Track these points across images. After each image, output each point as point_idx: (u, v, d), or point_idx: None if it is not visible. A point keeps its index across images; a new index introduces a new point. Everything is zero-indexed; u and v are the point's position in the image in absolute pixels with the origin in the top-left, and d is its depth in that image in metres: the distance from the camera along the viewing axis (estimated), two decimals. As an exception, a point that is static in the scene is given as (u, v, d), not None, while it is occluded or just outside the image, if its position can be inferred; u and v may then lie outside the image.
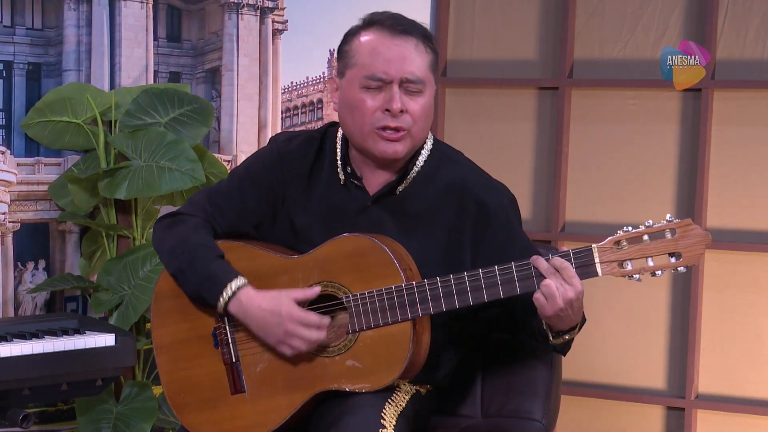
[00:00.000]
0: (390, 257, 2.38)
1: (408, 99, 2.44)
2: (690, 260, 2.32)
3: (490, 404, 2.72)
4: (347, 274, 2.42)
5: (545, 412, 2.69)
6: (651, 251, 2.32)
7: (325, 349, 2.43)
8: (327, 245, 2.44)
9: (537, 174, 4.08)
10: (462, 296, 2.37)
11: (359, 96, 2.45)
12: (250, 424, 2.47)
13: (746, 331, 3.84)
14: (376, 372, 2.39)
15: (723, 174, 3.83)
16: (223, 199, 2.56)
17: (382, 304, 2.38)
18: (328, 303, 2.44)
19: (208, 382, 2.51)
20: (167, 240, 2.53)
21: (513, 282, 2.35)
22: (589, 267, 2.34)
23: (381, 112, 2.44)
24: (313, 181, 2.54)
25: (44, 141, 3.23)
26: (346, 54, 2.49)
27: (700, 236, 2.32)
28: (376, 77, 2.43)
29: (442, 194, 2.50)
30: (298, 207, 2.54)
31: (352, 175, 2.52)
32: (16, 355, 2.50)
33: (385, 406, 2.38)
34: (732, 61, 3.81)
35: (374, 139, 2.45)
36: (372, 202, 2.50)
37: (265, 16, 3.82)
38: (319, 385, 2.42)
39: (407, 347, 2.37)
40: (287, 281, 2.46)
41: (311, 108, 3.98)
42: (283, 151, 2.56)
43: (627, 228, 2.33)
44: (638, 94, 3.94)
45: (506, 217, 2.51)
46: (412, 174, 2.51)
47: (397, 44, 2.44)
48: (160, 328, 2.56)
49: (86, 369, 2.62)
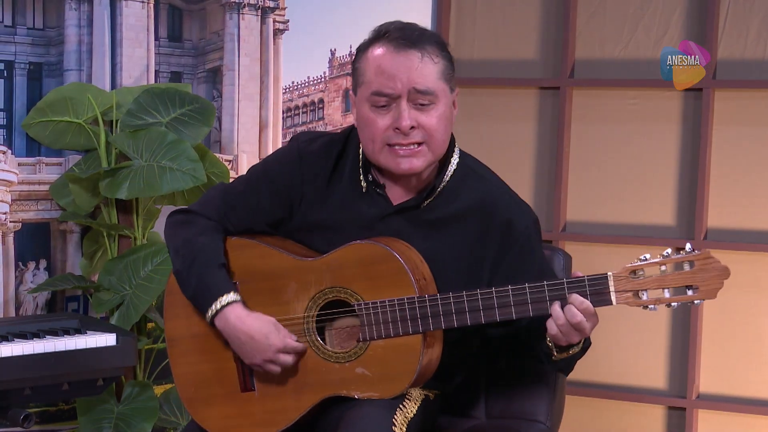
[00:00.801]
0: (403, 266, 2.37)
1: (419, 113, 2.40)
2: (707, 294, 2.26)
3: (495, 406, 2.72)
4: (360, 281, 2.40)
5: (549, 414, 2.70)
6: (668, 283, 2.27)
7: (335, 355, 2.43)
8: (341, 250, 2.43)
9: (538, 174, 4.09)
10: (474, 313, 2.35)
11: (369, 115, 2.41)
12: (258, 422, 2.47)
13: (747, 331, 3.84)
14: (385, 382, 2.38)
15: (723, 174, 3.83)
16: (238, 198, 2.54)
17: (394, 315, 2.37)
18: (340, 309, 2.44)
19: (219, 378, 2.51)
20: (175, 238, 2.53)
21: (526, 304, 2.33)
22: (603, 295, 2.30)
23: (391, 130, 2.40)
24: (333, 185, 2.51)
25: (45, 141, 3.23)
26: (356, 71, 2.46)
27: (719, 270, 2.26)
28: (381, 93, 2.39)
29: (467, 208, 2.46)
30: (315, 209, 2.51)
31: (374, 183, 2.49)
32: (17, 354, 2.50)
33: (396, 412, 2.37)
34: (732, 61, 3.81)
35: (387, 155, 2.42)
36: (394, 213, 2.48)
37: (266, 15, 3.82)
38: (329, 390, 2.42)
39: (417, 359, 2.37)
40: (298, 283, 2.45)
41: (312, 108, 3.98)
42: (304, 151, 2.52)
43: (645, 257, 2.27)
44: (639, 94, 3.94)
45: (530, 238, 2.48)
46: (439, 189, 2.48)
47: (402, 58, 2.39)
48: (173, 320, 2.56)
49: (87, 369, 2.62)
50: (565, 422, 4.03)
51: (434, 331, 2.39)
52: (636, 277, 2.29)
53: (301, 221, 2.53)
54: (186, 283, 2.48)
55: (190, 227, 2.53)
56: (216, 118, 3.58)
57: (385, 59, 2.40)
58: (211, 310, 2.44)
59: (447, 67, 2.44)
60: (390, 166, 2.43)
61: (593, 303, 2.31)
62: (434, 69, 2.41)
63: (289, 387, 2.46)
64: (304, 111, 3.97)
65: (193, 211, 2.57)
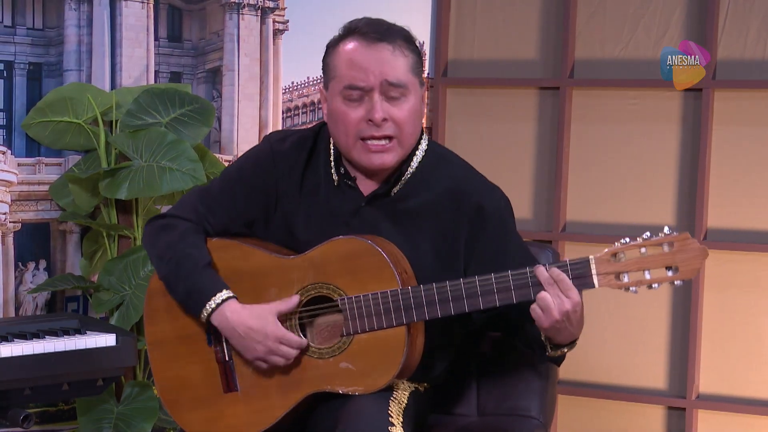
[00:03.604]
0: (385, 260, 2.38)
1: (390, 106, 2.43)
2: (687, 274, 2.30)
3: (487, 402, 2.72)
4: (342, 276, 2.41)
5: (542, 409, 2.69)
6: (648, 264, 2.31)
7: (319, 350, 2.43)
8: (322, 246, 2.44)
9: (538, 174, 4.09)
10: (457, 302, 2.36)
11: (342, 108, 2.44)
12: (242, 423, 2.47)
13: (747, 331, 3.84)
14: (370, 375, 2.39)
15: (723, 174, 3.83)
16: (214, 200, 2.56)
17: (377, 308, 2.38)
18: (323, 305, 2.44)
19: (201, 380, 2.51)
20: (157, 245, 2.53)
21: (509, 290, 2.34)
22: (585, 278, 2.33)
23: (364, 122, 2.42)
24: (307, 181, 2.53)
25: (45, 141, 3.23)
26: (327, 66, 2.49)
27: (698, 250, 2.30)
28: (354, 86, 2.42)
29: (437, 196, 2.49)
30: (292, 207, 2.53)
31: (345, 176, 2.51)
32: (17, 355, 2.50)
33: (390, 404, 2.38)
34: (732, 61, 3.81)
35: (360, 150, 2.44)
36: (366, 203, 2.50)
37: (265, 16, 3.82)
38: (313, 386, 2.43)
39: (401, 351, 2.37)
40: (281, 281, 2.46)
41: (312, 108, 3.98)
42: (276, 150, 2.55)
43: (625, 240, 2.31)
44: (639, 94, 3.94)
45: (502, 219, 2.50)
46: (407, 176, 2.50)
47: (373, 51, 2.42)
48: (153, 325, 2.56)
49: (87, 369, 2.62)
50: (565, 422, 4.03)
51: (417, 322, 2.39)
52: (617, 260, 2.32)
53: (278, 219, 2.54)
54: (175, 287, 2.49)
55: (170, 231, 2.53)
56: (216, 118, 3.58)
57: (357, 53, 2.42)
58: (206, 309, 2.44)
59: (416, 61, 2.47)
60: (362, 162, 2.45)
61: (576, 287, 2.32)
62: (405, 62, 2.44)
63: (273, 385, 2.46)
64: (303, 111, 3.97)
65: (172, 215, 2.57)
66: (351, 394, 2.39)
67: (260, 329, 2.42)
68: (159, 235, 2.54)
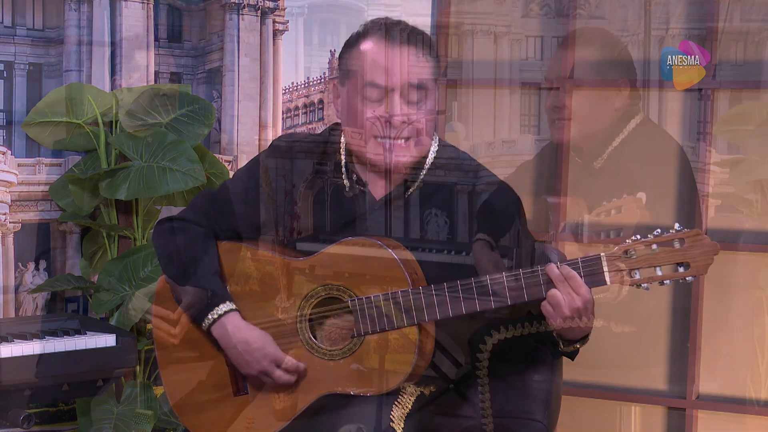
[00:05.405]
0: (396, 261, 2.38)
1: (409, 108, 2.43)
2: (698, 270, 2.31)
3: (491, 405, 2.71)
4: (352, 277, 2.41)
5: (546, 412, 2.69)
6: (660, 261, 2.31)
7: (330, 352, 2.43)
8: (333, 248, 2.44)
9: (538, 174, 4.08)
10: (469, 302, 2.36)
11: (360, 107, 2.44)
12: (252, 426, 2.48)
13: (747, 331, 3.83)
14: (381, 376, 2.39)
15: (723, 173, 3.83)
16: (225, 204, 2.56)
17: (388, 309, 2.38)
18: (333, 306, 2.44)
19: (211, 383, 2.51)
20: (166, 247, 2.54)
21: (521, 289, 2.34)
22: (597, 275, 2.33)
23: (382, 122, 2.42)
24: (316, 186, 2.53)
25: (45, 141, 3.23)
26: (346, 63, 2.48)
27: (709, 246, 2.31)
28: (377, 85, 2.42)
29: (450, 197, 2.49)
30: (302, 210, 2.53)
31: (357, 180, 2.51)
32: (17, 355, 2.50)
33: (393, 408, 2.38)
34: (732, 61, 3.81)
35: (374, 148, 2.45)
36: (379, 207, 2.49)
37: (265, 16, 3.82)
38: (324, 388, 2.42)
39: (412, 352, 2.37)
40: (290, 283, 2.46)
41: (312, 108, 3.98)
42: (285, 155, 2.55)
43: (636, 237, 2.31)
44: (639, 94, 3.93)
45: (511, 215, 2.50)
46: (420, 178, 2.50)
47: (399, 52, 2.42)
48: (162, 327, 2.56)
49: (87, 369, 2.62)
50: (564, 422, 4.03)
51: (428, 324, 2.39)
52: (628, 256, 2.32)
53: (287, 223, 2.54)
54: (180, 291, 2.49)
55: (181, 235, 2.53)
56: (216, 118, 3.58)
57: (381, 52, 2.42)
58: (208, 319, 2.44)
59: (435, 66, 2.48)
60: (376, 160, 2.45)
61: (588, 284, 2.32)
62: (427, 65, 2.45)
63: (283, 388, 2.46)
64: (303, 111, 3.97)
65: (183, 218, 2.57)
66: (363, 395, 2.39)
67: (260, 348, 2.42)
68: (170, 238, 2.55)
